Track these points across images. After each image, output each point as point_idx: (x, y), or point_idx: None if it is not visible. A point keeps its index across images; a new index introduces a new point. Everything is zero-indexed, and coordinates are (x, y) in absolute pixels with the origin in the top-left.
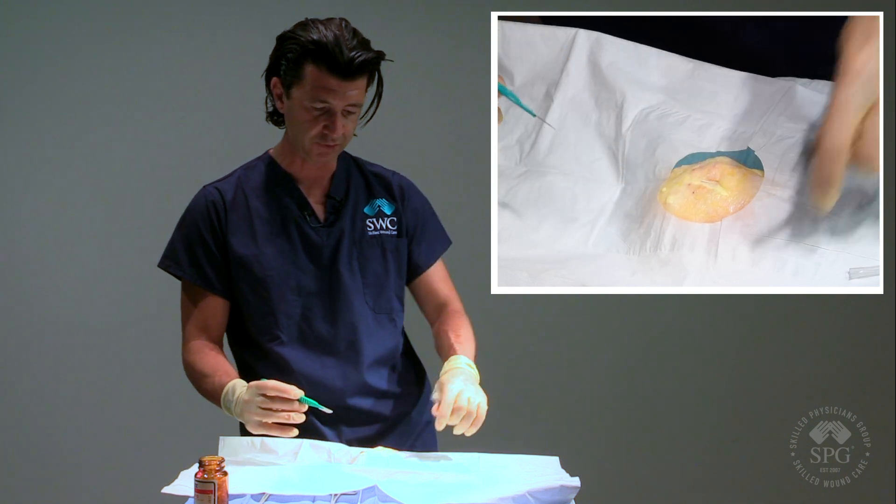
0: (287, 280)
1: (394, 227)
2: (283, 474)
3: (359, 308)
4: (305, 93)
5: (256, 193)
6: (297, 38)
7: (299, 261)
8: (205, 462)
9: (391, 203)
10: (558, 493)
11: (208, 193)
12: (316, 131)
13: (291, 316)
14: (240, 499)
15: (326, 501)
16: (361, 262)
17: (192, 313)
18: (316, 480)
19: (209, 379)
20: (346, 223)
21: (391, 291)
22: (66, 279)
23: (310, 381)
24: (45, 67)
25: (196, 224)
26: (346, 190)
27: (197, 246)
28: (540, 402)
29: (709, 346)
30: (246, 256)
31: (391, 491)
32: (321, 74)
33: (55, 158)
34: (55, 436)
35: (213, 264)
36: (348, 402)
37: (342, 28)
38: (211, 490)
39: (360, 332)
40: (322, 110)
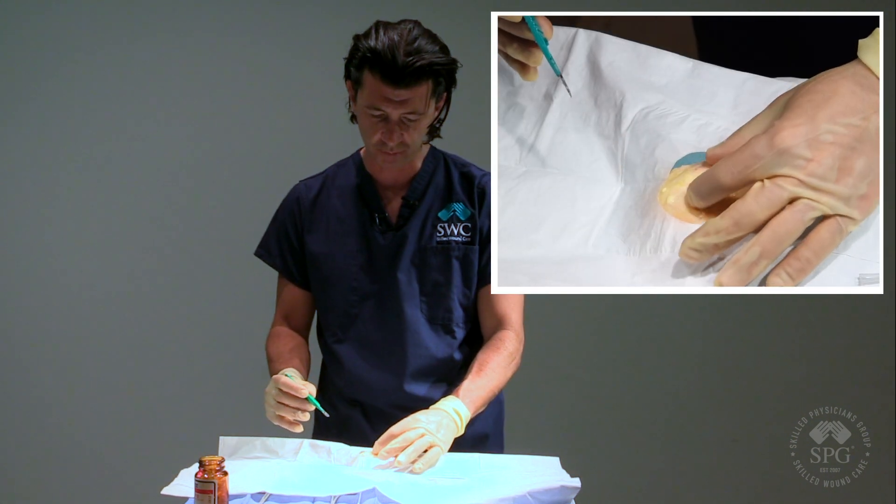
0: (348, 281)
1: (466, 234)
2: (283, 474)
3: (411, 315)
4: (364, 99)
5: (339, 192)
6: (359, 44)
7: (362, 263)
8: (205, 462)
9: (468, 208)
10: (558, 494)
11: (297, 189)
12: (376, 138)
13: (350, 316)
14: (240, 499)
15: (326, 502)
16: (421, 269)
17: (279, 301)
18: (316, 481)
19: (272, 364)
20: (413, 228)
21: (452, 301)
22: (67, 279)
23: (358, 381)
24: (46, 68)
25: (283, 218)
26: (423, 193)
27: (283, 238)
28: (540, 402)
29: (709, 346)
30: (317, 254)
31: (391, 493)
32: (375, 81)
33: (58, 159)
34: (55, 436)
35: (294, 257)
36: (388, 407)
37: (406, 32)
38: (211, 490)
39: (406, 341)
40: (379, 117)
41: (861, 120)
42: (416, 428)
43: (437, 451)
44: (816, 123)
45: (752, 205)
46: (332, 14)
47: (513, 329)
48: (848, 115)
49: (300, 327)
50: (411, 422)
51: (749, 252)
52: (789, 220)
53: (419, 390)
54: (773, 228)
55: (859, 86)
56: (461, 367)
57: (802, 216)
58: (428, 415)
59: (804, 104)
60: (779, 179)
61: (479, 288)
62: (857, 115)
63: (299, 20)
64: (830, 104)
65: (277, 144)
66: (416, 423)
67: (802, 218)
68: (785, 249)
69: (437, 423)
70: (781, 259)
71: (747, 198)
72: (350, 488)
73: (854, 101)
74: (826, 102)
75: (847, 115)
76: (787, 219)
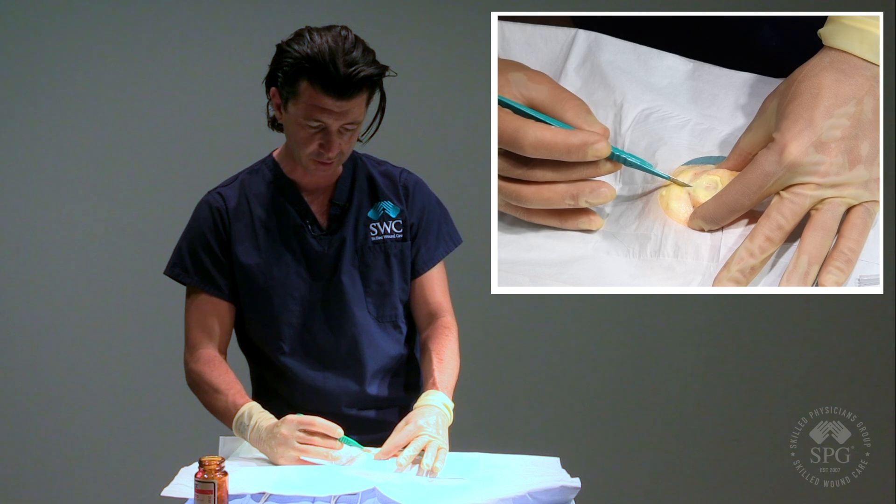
0: (289, 290)
1: (399, 231)
2: (283, 474)
3: (360, 318)
4: (300, 110)
5: (260, 200)
6: (292, 51)
7: (301, 271)
8: (205, 462)
9: (396, 205)
10: (559, 494)
11: (212, 200)
12: (312, 148)
13: (293, 326)
14: (240, 499)
15: (326, 502)
16: (363, 270)
17: (197, 320)
18: (316, 481)
19: (221, 396)
20: (348, 230)
21: (396, 298)
22: (67, 280)
23: (313, 391)
24: (47, 70)
25: (201, 231)
26: (350, 195)
27: (203, 252)
28: (540, 402)
29: (709, 346)
30: (249, 265)
31: (391, 493)
32: (315, 93)
33: (56, 162)
34: (55, 436)
35: (220, 270)
36: (350, 413)
37: (340, 39)
38: (211, 490)
39: (361, 343)
40: (317, 128)
41: (855, 105)
42: (422, 435)
43: (444, 452)
44: (816, 124)
45: (778, 219)
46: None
47: (449, 313)
48: (841, 104)
49: (223, 346)
50: (414, 429)
51: (799, 262)
52: (824, 223)
53: (381, 391)
54: (813, 234)
55: (841, 73)
56: (408, 360)
57: (834, 214)
58: (425, 417)
59: (797, 108)
60: (796, 188)
61: (411, 280)
62: (850, 102)
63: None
64: (821, 100)
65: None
66: (421, 431)
67: (835, 216)
68: (828, 248)
69: (435, 425)
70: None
71: (771, 213)
72: (350, 488)
73: (842, 89)
74: (816, 100)
75: (841, 105)
76: (821, 222)
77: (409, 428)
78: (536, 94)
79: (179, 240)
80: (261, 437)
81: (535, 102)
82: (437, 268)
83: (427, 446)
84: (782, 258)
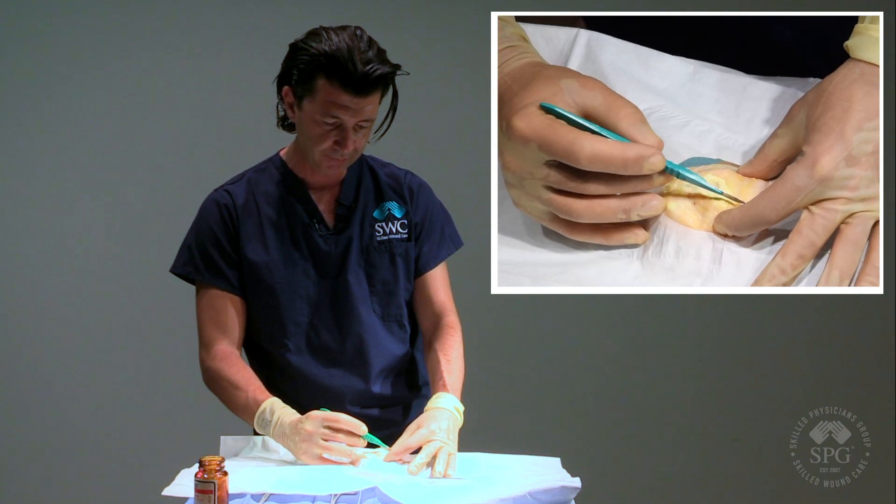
0: (296, 289)
1: (404, 231)
2: (283, 474)
3: (366, 317)
4: (316, 107)
5: (267, 199)
6: (309, 49)
7: (308, 269)
8: (205, 462)
9: (401, 206)
10: (559, 494)
11: (220, 197)
12: (326, 145)
13: (299, 324)
14: (240, 499)
15: (326, 502)
16: (369, 270)
17: (210, 317)
18: (316, 480)
19: (241, 392)
20: (354, 230)
21: (400, 297)
22: (67, 280)
23: (318, 389)
24: (48, 69)
25: (210, 227)
26: (356, 195)
27: (213, 248)
28: (540, 402)
29: (709, 346)
30: (257, 263)
31: (391, 492)
32: (333, 89)
33: (60, 160)
34: (55, 436)
35: (230, 265)
36: (355, 411)
37: (356, 38)
38: (211, 490)
39: (367, 343)
40: (333, 125)
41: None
42: (433, 441)
43: (455, 458)
44: (847, 138)
45: (810, 235)
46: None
47: (452, 312)
48: (872, 118)
49: (238, 341)
50: (427, 434)
51: (830, 277)
52: (855, 237)
53: (385, 389)
54: (843, 249)
55: (872, 85)
56: (412, 359)
57: (864, 228)
58: (438, 422)
59: (828, 122)
60: (826, 203)
61: (414, 280)
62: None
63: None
64: (852, 114)
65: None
66: (433, 437)
67: (864, 230)
68: (858, 263)
69: (447, 430)
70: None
71: (802, 230)
72: (350, 488)
73: (873, 103)
74: (847, 113)
75: (872, 119)
76: (852, 236)
77: (421, 432)
78: (590, 102)
79: (186, 238)
80: (284, 432)
81: (588, 110)
82: (441, 268)
83: (438, 452)
84: (811, 271)
